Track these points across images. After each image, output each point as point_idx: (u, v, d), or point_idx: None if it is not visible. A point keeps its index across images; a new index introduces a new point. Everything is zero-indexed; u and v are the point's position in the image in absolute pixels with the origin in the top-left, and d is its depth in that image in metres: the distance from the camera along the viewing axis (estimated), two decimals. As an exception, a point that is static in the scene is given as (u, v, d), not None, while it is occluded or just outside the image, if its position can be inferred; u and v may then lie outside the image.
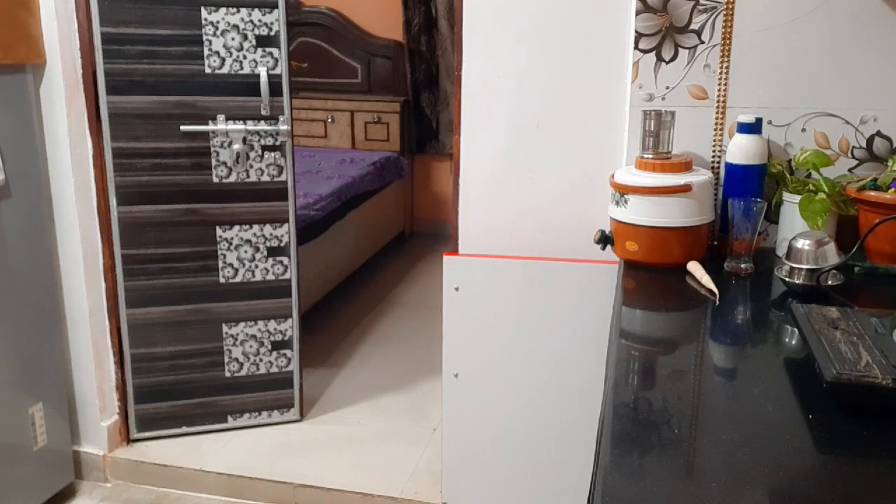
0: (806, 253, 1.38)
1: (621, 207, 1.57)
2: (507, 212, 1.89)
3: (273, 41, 2.32)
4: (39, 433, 2.19)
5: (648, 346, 1.29)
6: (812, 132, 1.63)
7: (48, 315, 2.23)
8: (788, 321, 1.28)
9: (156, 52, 2.25)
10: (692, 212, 1.54)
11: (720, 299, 1.38)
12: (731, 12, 1.61)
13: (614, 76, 1.75)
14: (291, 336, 2.57)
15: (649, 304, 1.50)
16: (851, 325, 1.09)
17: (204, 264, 2.43)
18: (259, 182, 2.41)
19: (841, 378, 0.94)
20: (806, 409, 0.98)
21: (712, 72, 1.65)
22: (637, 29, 1.66)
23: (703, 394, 1.08)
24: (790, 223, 1.57)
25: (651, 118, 1.60)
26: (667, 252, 1.54)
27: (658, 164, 1.57)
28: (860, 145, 1.62)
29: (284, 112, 2.37)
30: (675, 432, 0.95)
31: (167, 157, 2.32)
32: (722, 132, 1.67)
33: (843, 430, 0.93)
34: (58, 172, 2.22)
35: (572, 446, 1.90)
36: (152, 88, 2.27)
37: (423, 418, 2.68)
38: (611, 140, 1.77)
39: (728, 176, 1.62)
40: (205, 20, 2.26)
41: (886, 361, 0.97)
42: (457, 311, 1.95)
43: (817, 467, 0.88)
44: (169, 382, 2.48)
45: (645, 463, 0.88)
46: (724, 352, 1.25)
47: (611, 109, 1.76)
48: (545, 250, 1.88)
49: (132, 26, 2.22)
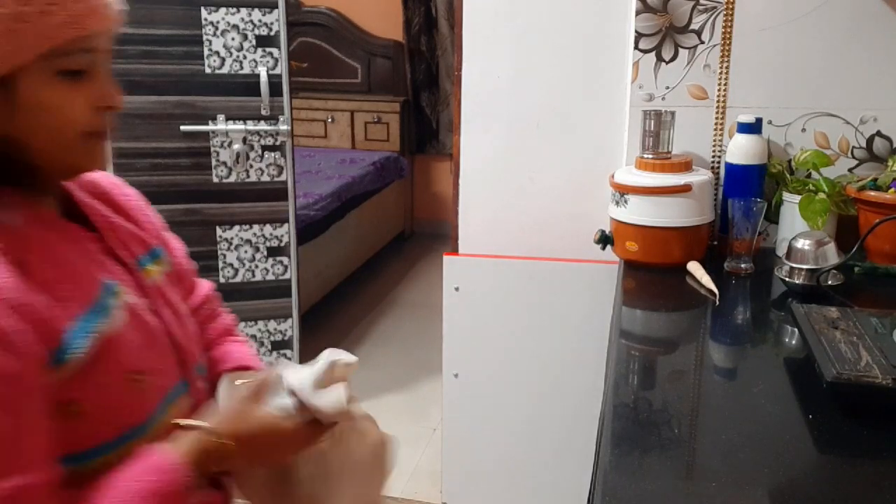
0: (806, 253, 1.38)
1: (621, 207, 1.57)
2: (507, 212, 1.89)
3: (273, 41, 2.32)
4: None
5: (648, 346, 1.29)
6: (812, 132, 1.63)
7: (48, 315, 2.23)
8: (788, 321, 1.28)
9: (156, 52, 2.25)
10: (692, 212, 1.54)
11: (720, 299, 1.38)
12: (731, 12, 1.61)
13: (614, 76, 1.75)
14: (291, 336, 2.56)
15: (649, 304, 1.50)
16: (851, 325, 1.09)
17: (204, 264, 2.42)
18: (259, 182, 2.41)
19: (841, 378, 0.94)
20: (806, 409, 0.98)
21: (712, 72, 1.65)
22: (637, 29, 1.66)
23: (703, 394, 1.08)
24: (790, 223, 1.57)
25: (651, 118, 1.60)
26: (667, 252, 1.54)
27: (658, 164, 1.57)
28: (860, 145, 1.62)
29: (284, 112, 2.37)
30: (675, 432, 0.95)
31: (167, 157, 2.32)
32: (722, 132, 1.67)
33: (843, 430, 0.93)
34: (58, 172, 2.22)
35: (572, 446, 1.90)
36: (152, 88, 2.27)
37: (423, 418, 2.68)
38: (611, 140, 1.77)
39: (728, 176, 1.62)
40: (205, 20, 2.26)
41: (886, 361, 0.97)
42: (457, 311, 1.95)
43: (817, 467, 0.88)
44: (169, 382, 2.48)
45: (645, 463, 0.88)
46: (724, 352, 1.25)
47: (611, 109, 1.76)
48: (545, 250, 1.88)
49: (132, 26, 2.21)
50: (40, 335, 0.71)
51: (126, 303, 0.81)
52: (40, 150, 0.78)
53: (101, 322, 0.76)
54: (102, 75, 0.81)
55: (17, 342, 0.69)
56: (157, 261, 0.92)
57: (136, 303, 0.83)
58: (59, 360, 0.73)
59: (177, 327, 0.88)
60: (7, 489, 0.67)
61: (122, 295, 0.81)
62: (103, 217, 0.88)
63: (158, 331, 0.85)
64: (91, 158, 0.82)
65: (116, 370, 0.77)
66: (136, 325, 0.82)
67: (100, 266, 0.82)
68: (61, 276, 0.76)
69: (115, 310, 0.79)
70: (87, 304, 0.77)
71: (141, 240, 0.91)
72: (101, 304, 0.78)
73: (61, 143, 0.78)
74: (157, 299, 0.88)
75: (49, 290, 0.74)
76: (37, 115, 0.76)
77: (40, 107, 0.76)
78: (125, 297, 0.81)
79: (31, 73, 0.74)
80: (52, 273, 0.76)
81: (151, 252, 0.92)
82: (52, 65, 0.75)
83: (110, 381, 0.77)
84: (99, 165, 0.84)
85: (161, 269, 0.92)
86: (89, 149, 0.81)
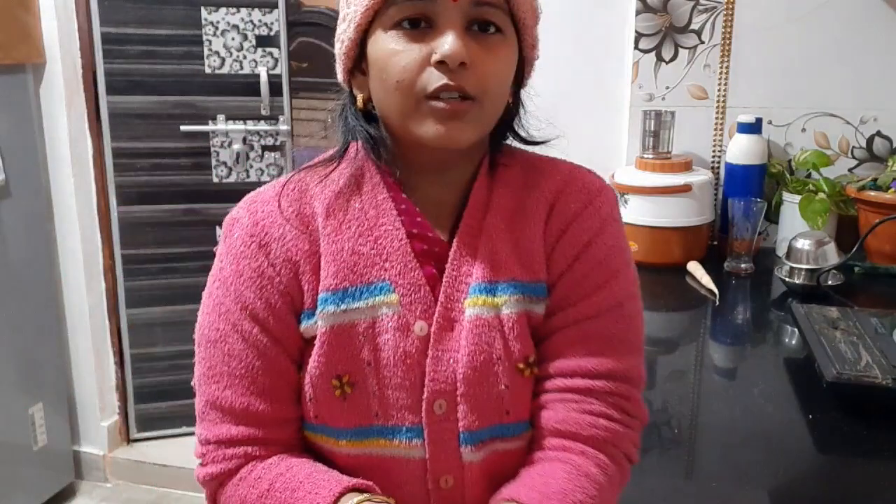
0: (806, 253, 1.38)
1: (621, 207, 1.57)
2: (507, 212, 1.89)
3: (273, 41, 2.32)
4: (39, 433, 2.19)
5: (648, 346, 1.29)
6: (812, 132, 1.63)
7: (48, 315, 2.23)
8: (788, 321, 1.28)
9: (156, 52, 2.25)
10: (692, 212, 1.54)
11: (720, 299, 1.38)
12: (731, 12, 1.61)
13: (614, 76, 1.75)
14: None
15: (649, 304, 1.50)
16: (851, 325, 1.09)
17: (204, 264, 2.41)
18: (259, 182, 2.41)
19: (841, 378, 0.94)
20: (806, 409, 0.98)
21: (712, 72, 1.64)
22: (637, 29, 1.66)
23: (703, 394, 1.08)
24: (790, 223, 1.57)
25: (651, 118, 1.60)
26: (667, 252, 1.54)
27: (658, 164, 1.57)
28: (860, 145, 1.62)
29: (284, 112, 2.37)
30: (675, 432, 0.95)
31: (167, 157, 2.32)
32: (722, 132, 1.67)
33: (843, 430, 0.93)
34: (58, 172, 2.22)
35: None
36: (152, 88, 2.27)
37: (423, 418, 2.68)
38: (611, 140, 1.77)
39: (728, 176, 1.62)
40: (205, 20, 2.26)
41: (886, 361, 0.97)
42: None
43: (817, 467, 0.88)
44: (169, 382, 2.48)
45: (645, 463, 0.88)
46: (724, 352, 1.25)
47: (611, 109, 1.76)
48: (545, 250, 1.88)
49: (132, 26, 2.21)
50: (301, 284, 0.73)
51: (393, 311, 0.72)
52: (384, 116, 0.74)
53: (346, 307, 0.72)
54: (450, 29, 0.68)
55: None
56: (496, 295, 0.74)
57: (404, 316, 0.72)
58: (302, 320, 0.74)
59: (441, 366, 0.72)
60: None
61: (391, 299, 0.73)
62: (469, 226, 0.76)
63: (405, 354, 0.72)
64: (429, 128, 0.69)
65: (326, 371, 0.73)
66: (383, 335, 0.72)
67: (403, 262, 0.74)
68: (362, 239, 0.74)
69: (370, 306, 0.72)
70: (354, 284, 0.72)
71: (506, 268, 0.75)
72: (361, 291, 0.73)
73: (394, 104, 0.70)
74: (448, 332, 0.73)
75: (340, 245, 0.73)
76: (374, 72, 0.72)
77: (374, 63, 0.71)
78: (393, 305, 0.72)
79: (376, 27, 0.71)
80: (354, 230, 0.74)
81: (501, 285, 0.74)
82: (388, 16, 0.70)
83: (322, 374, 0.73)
84: (447, 140, 0.70)
85: (495, 305, 0.73)
86: (425, 115, 0.69)
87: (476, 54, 0.69)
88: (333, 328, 0.72)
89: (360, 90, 0.76)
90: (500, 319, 0.73)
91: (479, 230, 0.76)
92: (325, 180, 0.77)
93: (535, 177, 0.80)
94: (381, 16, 0.70)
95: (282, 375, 0.74)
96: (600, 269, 0.75)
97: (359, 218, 0.75)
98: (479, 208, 0.77)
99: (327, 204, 0.75)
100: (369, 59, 0.73)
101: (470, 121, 0.70)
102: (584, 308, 0.74)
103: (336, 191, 0.76)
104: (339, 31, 0.76)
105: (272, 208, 0.75)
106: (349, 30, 0.73)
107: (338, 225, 0.74)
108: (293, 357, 0.75)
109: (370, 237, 0.74)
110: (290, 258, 0.74)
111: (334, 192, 0.76)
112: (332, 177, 0.77)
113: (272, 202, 0.76)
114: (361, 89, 0.76)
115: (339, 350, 0.72)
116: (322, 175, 0.78)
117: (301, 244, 0.74)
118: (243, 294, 0.74)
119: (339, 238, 0.74)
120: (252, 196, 0.78)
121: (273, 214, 0.75)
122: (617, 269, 0.76)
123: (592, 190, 0.80)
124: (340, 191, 0.76)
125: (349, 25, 0.73)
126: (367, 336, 0.72)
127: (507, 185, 0.78)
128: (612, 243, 0.77)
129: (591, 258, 0.75)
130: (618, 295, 0.75)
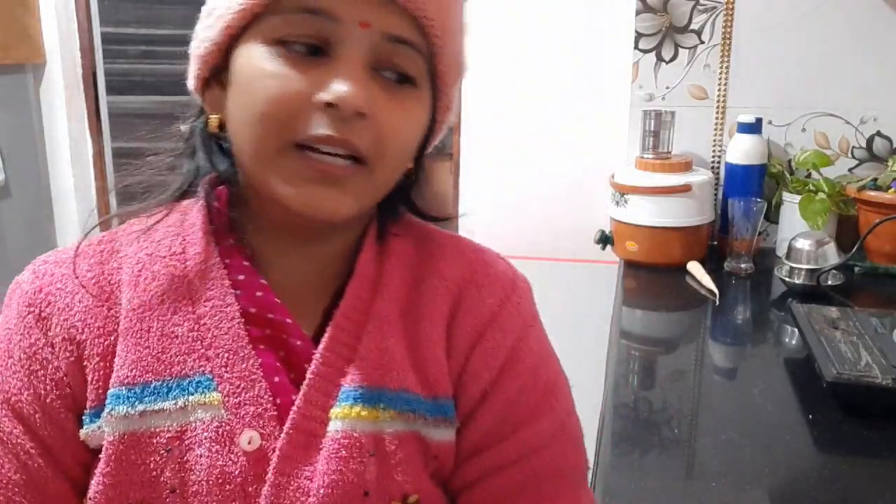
0: (806, 253, 1.38)
1: (621, 207, 1.57)
2: (506, 212, 1.89)
3: (273, 41, 2.32)
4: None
5: (648, 346, 1.29)
6: (812, 132, 1.63)
7: (48, 315, 2.23)
8: (788, 321, 1.28)
9: (156, 52, 2.25)
10: (692, 212, 1.54)
11: (720, 299, 1.38)
12: (731, 12, 1.61)
13: (614, 76, 1.75)
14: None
15: (649, 304, 1.50)
16: (851, 325, 1.09)
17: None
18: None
19: (841, 378, 0.94)
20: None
21: (712, 72, 1.64)
22: (637, 29, 1.66)
23: (703, 394, 1.08)
24: (790, 223, 1.57)
25: (651, 118, 1.60)
26: (667, 252, 1.54)
27: (658, 164, 1.57)
28: (860, 145, 1.62)
29: (284, 112, 2.37)
30: (675, 432, 0.95)
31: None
32: (722, 132, 1.67)
33: (843, 430, 0.93)
34: (58, 172, 2.22)
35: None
36: (152, 88, 2.27)
37: (423, 418, 2.67)
38: (611, 140, 1.77)
39: (728, 176, 1.62)
40: (205, 20, 2.26)
41: (886, 361, 0.97)
42: (457, 311, 1.94)
43: (817, 467, 0.88)
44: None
45: (645, 463, 0.88)
46: (724, 352, 1.25)
47: (611, 109, 1.76)
48: (545, 250, 1.88)
49: (132, 26, 2.21)
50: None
51: (211, 416, 0.54)
52: (238, 153, 0.57)
53: (144, 409, 0.54)
54: (351, 64, 0.52)
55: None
56: (378, 407, 0.56)
57: (227, 423, 0.54)
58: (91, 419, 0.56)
59: (284, 498, 0.54)
60: None
61: (211, 399, 0.55)
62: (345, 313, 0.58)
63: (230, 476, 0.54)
64: (292, 189, 0.53)
65: (114, 498, 0.56)
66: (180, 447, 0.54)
67: (232, 350, 0.56)
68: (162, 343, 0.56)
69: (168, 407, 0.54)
70: (159, 377, 0.55)
71: (371, 372, 0.57)
72: (168, 388, 0.55)
73: (252, 142, 0.54)
74: (300, 449, 0.55)
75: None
76: (235, 92, 0.55)
77: (238, 80, 0.54)
78: (213, 407, 0.54)
79: (252, 35, 0.54)
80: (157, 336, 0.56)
81: (376, 393, 0.57)
82: (269, 26, 0.53)
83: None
84: (315, 209, 0.53)
85: (374, 419, 0.56)
86: (291, 168, 0.52)
87: (380, 105, 0.53)
88: (125, 437, 0.53)
89: (213, 109, 0.59)
90: (380, 440, 0.55)
91: (366, 317, 0.58)
92: (143, 237, 0.59)
93: (431, 257, 0.63)
94: (260, 22, 0.53)
95: (52, 500, 0.55)
96: (534, 383, 0.61)
97: (178, 289, 0.56)
98: (367, 288, 0.59)
99: (139, 269, 0.57)
100: (232, 73, 0.55)
101: (352, 190, 0.53)
102: (526, 436, 0.60)
103: (152, 252, 0.58)
104: (201, 27, 0.58)
105: (65, 271, 0.57)
106: (214, 29, 0.56)
107: (147, 298, 0.56)
108: (70, 474, 0.56)
109: (190, 314, 0.56)
110: (72, 337, 0.55)
111: (149, 255, 0.58)
112: (154, 233, 0.60)
113: (66, 264, 0.58)
114: (216, 108, 0.59)
115: (132, 469, 0.53)
116: (140, 231, 0.60)
117: (92, 320, 0.56)
118: (7, 381, 0.55)
119: (147, 315, 0.55)
120: (46, 255, 0.60)
121: (64, 279, 0.57)
122: (553, 382, 0.63)
123: (506, 282, 0.64)
124: (157, 252, 0.58)
125: (215, 24, 0.56)
126: (172, 450, 0.53)
127: (400, 263, 0.61)
128: (538, 348, 0.64)
129: (521, 370, 0.61)
130: (559, 413, 0.62)
